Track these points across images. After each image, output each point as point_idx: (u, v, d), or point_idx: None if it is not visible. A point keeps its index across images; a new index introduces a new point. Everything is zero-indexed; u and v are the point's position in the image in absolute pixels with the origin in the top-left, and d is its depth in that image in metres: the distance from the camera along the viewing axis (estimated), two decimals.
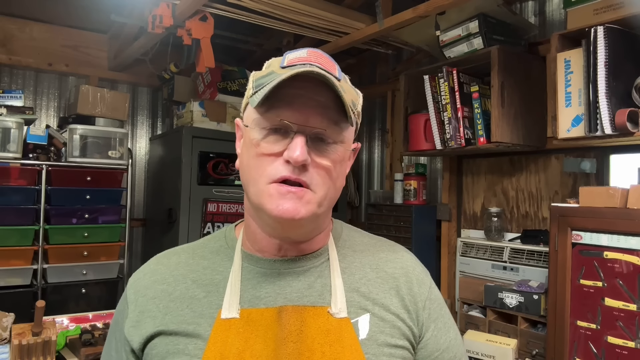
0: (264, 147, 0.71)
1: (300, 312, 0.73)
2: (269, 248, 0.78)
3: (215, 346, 0.70)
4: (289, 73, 0.67)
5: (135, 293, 0.79)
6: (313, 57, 0.73)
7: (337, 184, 0.75)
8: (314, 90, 0.69)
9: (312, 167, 0.70)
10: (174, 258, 0.83)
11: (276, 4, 2.13)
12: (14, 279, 2.52)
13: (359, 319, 0.74)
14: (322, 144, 0.71)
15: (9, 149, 2.51)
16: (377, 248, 0.86)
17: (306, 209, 0.70)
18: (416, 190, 2.66)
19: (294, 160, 0.68)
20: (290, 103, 0.69)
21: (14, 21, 2.98)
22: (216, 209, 2.85)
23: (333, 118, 0.71)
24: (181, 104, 3.10)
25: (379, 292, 0.78)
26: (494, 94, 1.96)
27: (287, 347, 0.70)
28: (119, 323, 0.79)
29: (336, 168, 0.73)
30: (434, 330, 0.80)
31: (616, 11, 1.63)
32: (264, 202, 0.70)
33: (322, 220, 0.79)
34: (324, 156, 0.71)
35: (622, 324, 1.57)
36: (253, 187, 0.72)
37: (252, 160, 0.72)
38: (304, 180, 0.69)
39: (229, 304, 0.73)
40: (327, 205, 0.75)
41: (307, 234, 0.78)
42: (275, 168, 0.70)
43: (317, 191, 0.71)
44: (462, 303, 2.37)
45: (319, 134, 0.71)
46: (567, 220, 1.74)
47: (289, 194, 0.69)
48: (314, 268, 0.78)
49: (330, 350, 0.71)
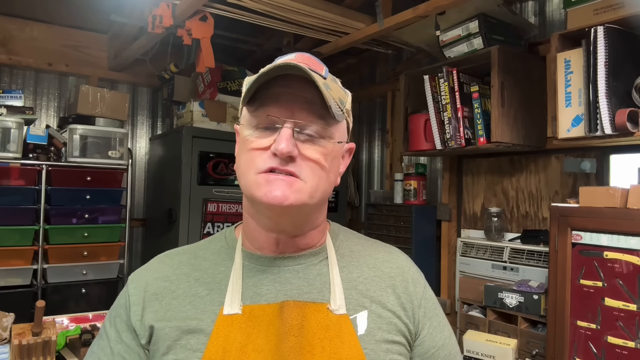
0: (254, 142, 0.74)
1: (301, 307, 0.75)
2: (267, 244, 0.80)
3: (217, 341, 0.72)
4: (269, 66, 0.71)
5: (136, 288, 0.80)
6: (300, 58, 0.77)
7: (330, 178, 0.77)
8: (300, 87, 0.73)
9: (300, 159, 0.73)
10: (176, 257, 0.85)
11: (276, 4, 2.13)
12: (14, 279, 2.52)
13: (357, 315, 0.77)
14: (309, 137, 0.74)
15: (9, 149, 2.51)
16: (374, 249, 0.89)
17: (295, 196, 0.72)
18: (416, 190, 2.66)
19: (280, 152, 0.70)
20: (277, 100, 0.73)
21: (14, 21, 2.99)
22: (216, 209, 2.85)
23: (319, 113, 0.74)
24: (181, 104, 3.10)
25: (376, 290, 0.81)
26: (494, 94, 1.96)
27: (289, 341, 0.72)
28: (121, 316, 0.79)
29: (327, 161, 0.75)
30: (429, 328, 0.83)
31: (616, 11, 1.63)
32: (254, 191, 0.73)
33: (315, 215, 0.81)
34: (312, 149, 0.74)
35: (622, 324, 1.57)
36: (244, 179, 0.75)
37: (244, 155, 0.76)
38: (291, 170, 0.72)
39: (231, 300, 0.75)
40: (319, 198, 0.76)
41: (300, 226, 0.80)
42: (263, 160, 0.73)
43: (307, 181, 0.73)
44: (462, 303, 2.37)
45: (304, 128, 0.73)
46: (567, 220, 1.74)
47: (277, 181, 0.72)
48: (313, 265, 0.81)
49: (329, 345, 0.73)
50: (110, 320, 0.81)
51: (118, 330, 0.78)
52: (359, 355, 0.73)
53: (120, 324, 0.79)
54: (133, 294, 0.79)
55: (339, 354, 0.72)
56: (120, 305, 0.81)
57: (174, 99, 3.15)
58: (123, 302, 0.80)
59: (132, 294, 0.79)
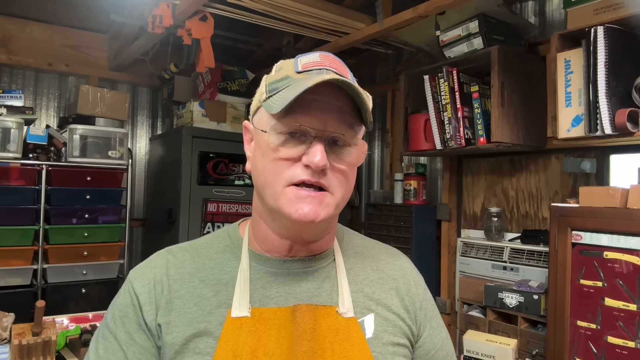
0: (282, 152, 0.71)
1: (313, 311, 0.75)
2: (280, 249, 0.78)
3: (227, 344, 0.70)
4: (313, 81, 0.66)
5: (143, 286, 0.76)
6: (327, 61, 0.74)
7: (351, 185, 0.77)
8: (330, 94, 0.70)
9: (330, 171, 0.71)
10: (179, 255, 0.81)
11: (276, 4, 2.13)
12: (14, 279, 2.52)
13: (365, 318, 0.77)
14: (338, 147, 0.72)
15: (9, 149, 2.51)
16: (376, 250, 0.89)
17: (326, 211, 0.71)
18: (416, 190, 2.66)
19: (315, 165, 0.68)
20: (307, 108, 0.69)
21: (14, 21, 2.98)
22: (216, 209, 2.85)
23: (349, 122, 0.72)
24: (181, 104, 3.10)
25: (381, 293, 0.82)
26: (494, 94, 1.96)
27: (302, 345, 0.71)
28: (129, 315, 0.74)
29: (352, 170, 0.75)
30: (429, 330, 0.85)
31: (616, 11, 1.63)
32: (282, 205, 0.71)
33: (335, 221, 0.82)
34: (341, 160, 0.72)
35: (622, 324, 1.57)
36: (270, 190, 0.72)
37: (269, 164, 0.72)
38: (323, 183, 0.71)
39: (239, 302, 0.73)
40: (342, 207, 0.76)
41: (319, 233, 0.79)
42: (293, 171, 0.70)
43: (335, 193, 0.72)
44: (462, 303, 2.37)
45: (336, 139, 0.71)
46: (567, 220, 1.74)
47: (308, 198, 0.70)
48: (322, 269, 0.80)
49: (340, 349, 0.73)
50: (114, 321, 0.75)
51: (129, 332, 0.74)
52: (368, 358, 0.73)
53: (129, 324, 0.74)
54: (142, 293, 0.75)
55: (349, 357, 0.73)
56: (126, 304, 0.75)
57: (174, 99, 3.15)
58: (129, 301, 0.75)
59: (140, 292, 0.75)
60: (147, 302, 0.74)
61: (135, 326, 0.74)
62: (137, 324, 0.74)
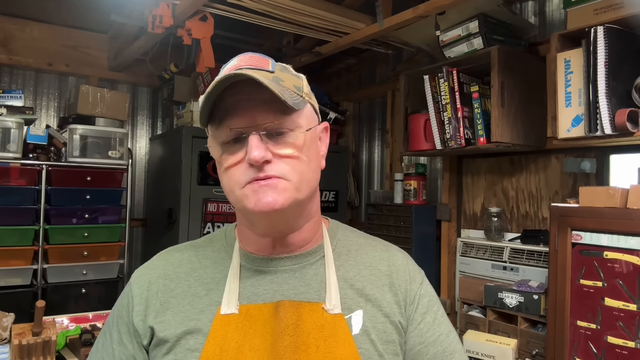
0: (228, 160, 0.74)
1: (296, 307, 0.76)
2: (264, 248, 0.81)
3: (215, 340, 0.73)
4: (214, 82, 0.70)
5: (139, 287, 0.81)
6: (243, 61, 0.76)
7: (312, 166, 0.77)
8: (251, 90, 0.72)
9: (276, 160, 0.73)
10: (177, 255, 0.85)
11: (276, 4, 2.13)
12: (14, 279, 2.52)
13: (352, 315, 0.78)
14: (279, 135, 0.73)
15: (9, 149, 2.51)
16: (372, 247, 0.89)
17: (283, 196, 0.72)
18: (416, 190, 2.66)
19: (253, 160, 0.70)
20: (234, 110, 0.72)
21: (14, 21, 2.99)
22: (216, 209, 2.85)
23: (279, 108, 0.73)
24: (181, 104, 3.10)
25: (373, 289, 0.82)
26: (494, 94, 1.96)
27: (284, 340, 0.73)
28: (123, 317, 0.80)
29: (303, 152, 0.75)
30: (419, 324, 0.83)
31: (616, 11, 1.63)
32: (245, 203, 0.73)
33: (309, 206, 0.81)
34: (284, 146, 0.73)
35: (622, 324, 1.57)
36: (232, 196, 0.76)
37: (223, 174, 0.76)
38: (272, 174, 0.72)
39: (228, 300, 0.76)
40: (307, 190, 0.76)
41: (295, 222, 0.79)
42: (242, 173, 0.73)
43: (289, 178, 0.73)
44: (462, 303, 2.37)
45: (269, 128, 0.72)
46: (567, 220, 1.74)
47: (263, 188, 0.72)
48: (309, 265, 0.81)
49: (324, 344, 0.74)
50: (113, 319, 0.82)
51: (120, 332, 0.79)
52: (353, 355, 0.74)
53: (121, 325, 0.79)
54: (137, 294, 0.80)
55: (334, 353, 0.73)
56: (123, 305, 0.81)
57: (174, 99, 3.15)
58: (125, 303, 0.81)
59: (135, 294, 0.80)
60: (138, 303, 0.79)
61: (125, 328, 0.79)
62: (126, 326, 0.79)
